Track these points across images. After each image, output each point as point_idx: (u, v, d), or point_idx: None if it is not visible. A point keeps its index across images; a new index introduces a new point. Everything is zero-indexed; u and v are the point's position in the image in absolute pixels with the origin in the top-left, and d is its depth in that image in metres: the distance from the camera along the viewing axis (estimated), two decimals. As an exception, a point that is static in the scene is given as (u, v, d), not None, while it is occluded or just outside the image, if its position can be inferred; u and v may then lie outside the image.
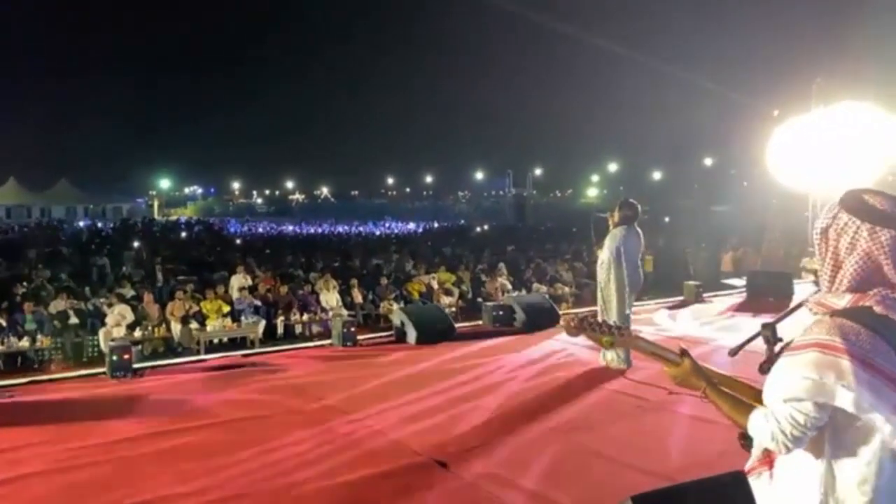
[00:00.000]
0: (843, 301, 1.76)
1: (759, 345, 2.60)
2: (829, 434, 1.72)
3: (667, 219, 30.87)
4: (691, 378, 2.01)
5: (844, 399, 1.62)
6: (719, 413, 1.96)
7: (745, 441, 2.16)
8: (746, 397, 1.95)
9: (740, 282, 14.77)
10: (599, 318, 7.55)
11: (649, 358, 2.12)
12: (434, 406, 6.76)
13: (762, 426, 1.77)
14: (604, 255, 7.96)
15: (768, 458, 1.90)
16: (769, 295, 12.65)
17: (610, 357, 7.87)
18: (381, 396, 7.12)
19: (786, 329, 2.50)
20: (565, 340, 9.74)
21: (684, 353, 2.05)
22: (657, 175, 67.19)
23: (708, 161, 59.97)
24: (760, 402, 1.87)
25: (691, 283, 13.85)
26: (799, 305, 2.33)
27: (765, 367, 1.89)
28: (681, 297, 13.36)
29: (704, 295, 13.48)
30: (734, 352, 2.73)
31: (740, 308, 12.44)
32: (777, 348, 1.96)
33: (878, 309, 1.71)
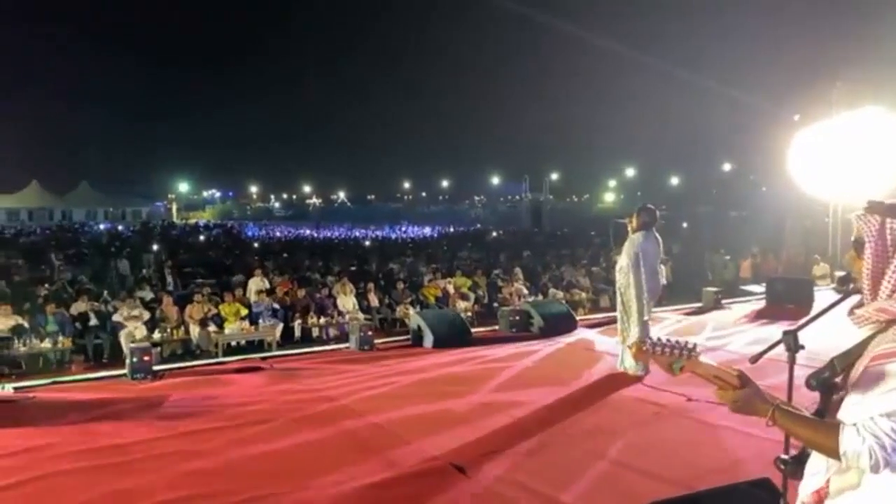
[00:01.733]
0: None
1: (780, 352, 2.59)
2: None
3: (685, 224, 30.68)
4: (755, 402, 1.87)
5: None
6: (791, 435, 1.85)
7: (786, 467, 2.04)
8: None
9: (759, 288, 14.64)
10: (618, 327, 7.39)
11: (708, 381, 1.96)
12: (451, 410, 6.77)
13: (856, 443, 1.66)
14: (622, 260, 7.93)
15: (819, 495, 1.82)
16: (789, 301, 12.54)
17: (628, 363, 7.84)
18: (398, 400, 7.14)
19: (808, 337, 2.48)
20: (582, 346, 9.71)
21: (743, 376, 1.92)
22: (675, 180, 66.79)
23: (727, 166, 59.56)
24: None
25: (710, 289, 13.75)
26: (822, 312, 2.30)
27: (812, 383, 1.83)
28: (699, 304, 13.28)
29: (723, 301, 13.37)
30: (755, 359, 2.71)
31: (759, 315, 12.33)
32: (799, 361, 1.90)
33: None
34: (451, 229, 42.98)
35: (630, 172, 72.63)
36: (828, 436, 1.72)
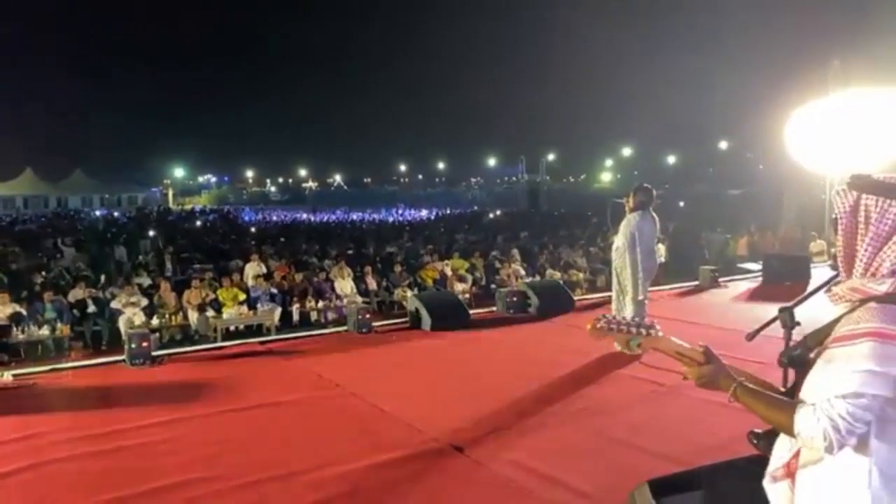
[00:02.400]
0: (885, 286, 1.67)
1: (777, 329, 2.60)
2: (875, 429, 1.63)
3: (682, 203, 30.68)
4: (719, 378, 1.89)
5: None
6: (752, 412, 1.84)
7: (758, 441, 2.06)
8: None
9: (756, 266, 14.67)
10: (613, 307, 7.44)
11: (672, 358, 1.99)
12: (450, 391, 6.80)
13: (811, 424, 1.65)
14: (618, 240, 7.94)
15: (788, 468, 1.82)
16: (785, 279, 12.56)
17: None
18: (397, 382, 7.17)
19: (803, 313, 2.49)
20: (580, 326, 9.75)
21: (708, 352, 1.94)
22: (672, 159, 66.70)
23: (723, 144, 59.47)
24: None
25: (706, 267, 13.77)
26: (817, 290, 2.30)
27: (783, 361, 1.82)
28: (696, 282, 13.30)
29: (720, 279, 13.40)
30: (751, 336, 2.72)
31: (756, 292, 12.36)
32: (795, 338, 1.89)
33: None
34: (448, 211, 42.95)
35: (627, 152, 72.51)
36: (785, 415, 1.72)
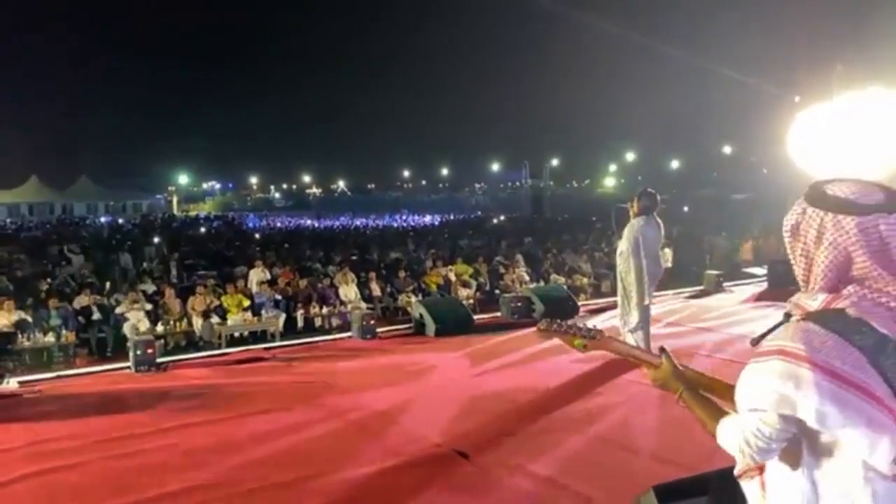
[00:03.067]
0: (816, 303, 1.63)
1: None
2: (806, 445, 1.60)
3: (686, 208, 30.63)
4: (670, 380, 1.93)
5: (806, 411, 1.49)
6: (695, 418, 1.85)
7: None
8: (731, 402, 1.79)
9: (761, 271, 14.64)
10: (618, 312, 7.45)
11: (626, 360, 2.07)
12: (454, 397, 6.79)
13: (729, 436, 1.66)
14: (622, 245, 7.93)
15: (759, 464, 1.77)
16: (791, 284, 12.37)
17: (629, 347, 7.85)
18: (401, 388, 7.17)
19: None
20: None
21: (663, 352, 1.96)
22: (675, 164, 66.59)
23: (727, 149, 59.38)
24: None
25: (712, 272, 13.75)
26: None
27: (755, 341, 1.81)
28: (701, 287, 13.28)
29: (725, 284, 13.38)
30: (756, 341, 2.70)
31: (761, 297, 12.33)
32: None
33: (852, 312, 1.57)
34: (452, 217, 42.98)
35: (630, 156, 72.41)
36: (713, 424, 1.73)
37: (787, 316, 2.39)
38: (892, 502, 1.53)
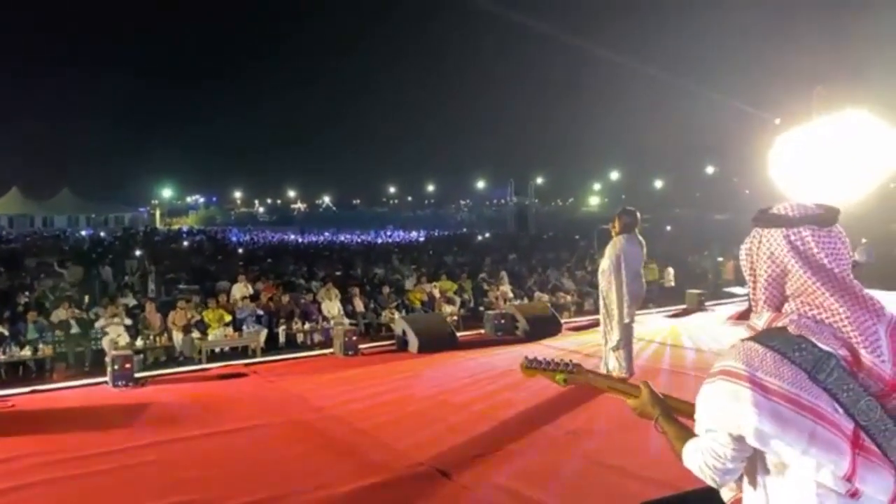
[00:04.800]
0: (762, 321, 1.66)
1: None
2: (760, 465, 1.61)
3: (668, 227, 30.86)
4: (647, 407, 1.97)
5: (746, 429, 1.51)
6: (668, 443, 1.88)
7: None
8: None
9: (742, 290, 14.74)
10: (601, 330, 7.48)
11: (648, 369, 2.15)
12: (436, 415, 6.75)
13: (692, 457, 1.68)
14: (604, 263, 7.96)
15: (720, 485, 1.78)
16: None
17: (612, 365, 7.86)
18: (382, 405, 7.11)
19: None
20: (568, 350, 9.74)
21: (645, 383, 2.01)
22: (659, 183, 67.21)
23: (710, 169, 60.01)
24: None
25: (694, 291, 13.83)
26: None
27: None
28: (683, 306, 13.35)
29: (707, 303, 13.46)
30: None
31: (742, 316, 12.41)
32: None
33: (792, 329, 1.59)
34: (437, 233, 42.99)
35: (615, 176, 73.03)
36: (681, 446, 1.75)
37: None
38: None
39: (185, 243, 34.37)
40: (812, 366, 1.53)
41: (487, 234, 37.78)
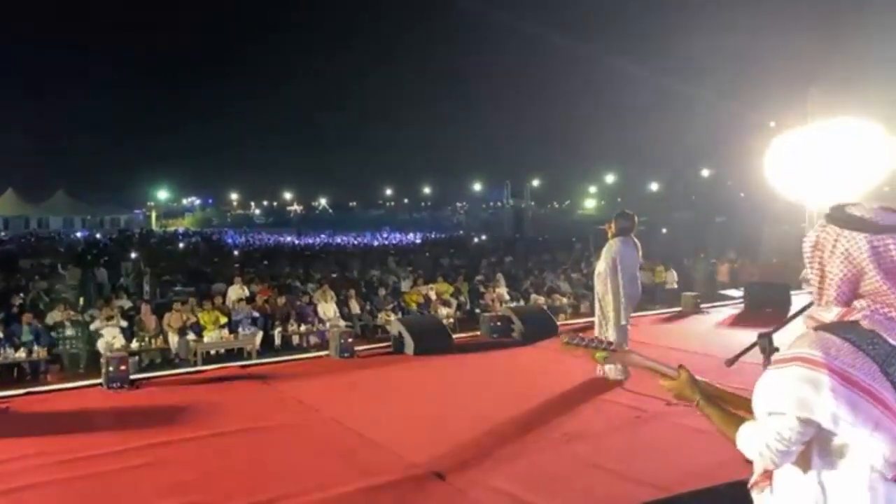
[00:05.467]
0: (831, 315, 1.74)
1: (757, 355, 2.61)
2: (817, 449, 1.70)
3: (664, 230, 30.91)
4: (686, 390, 2.04)
5: (822, 414, 1.61)
6: (713, 425, 1.97)
7: None
8: (746, 412, 1.93)
9: (738, 293, 14.78)
10: (596, 333, 7.50)
11: (646, 371, 2.18)
12: (432, 417, 6.74)
13: (749, 440, 1.77)
14: (600, 266, 7.97)
15: (768, 473, 1.89)
16: (767, 306, 12.65)
17: (608, 367, 7.86)
18: (378, 408, 7.10)
19: (782, 339, 2.50)
20: (562, 352, 9.74)
21: (681, 366, 2.09)
22: (654, 186, 67.34)
23: (705, 172, 60.19)
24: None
25: (689, 293, 13.85)
26: (794, 316, 2.35)
27: (731, 361, 1.94)
28: (679, 308, 13.36)
29: (702, 306, 13.47)
30: (731, 362, 2.74)
31: (738, 319, 12.43)
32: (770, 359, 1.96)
33: (865, 324, 1.69)
34: (434, 235, 43.00)
35: (610, 179, 73.16)
36: (732, 430, 1.84)
37: (761, 336, 2.46)
38: (890, 502, 1.64)
39: (181, 245, 34.34)
40: (883, 359, 1.64)
41: (484, 237, 37.82)
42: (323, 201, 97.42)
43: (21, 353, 9.60)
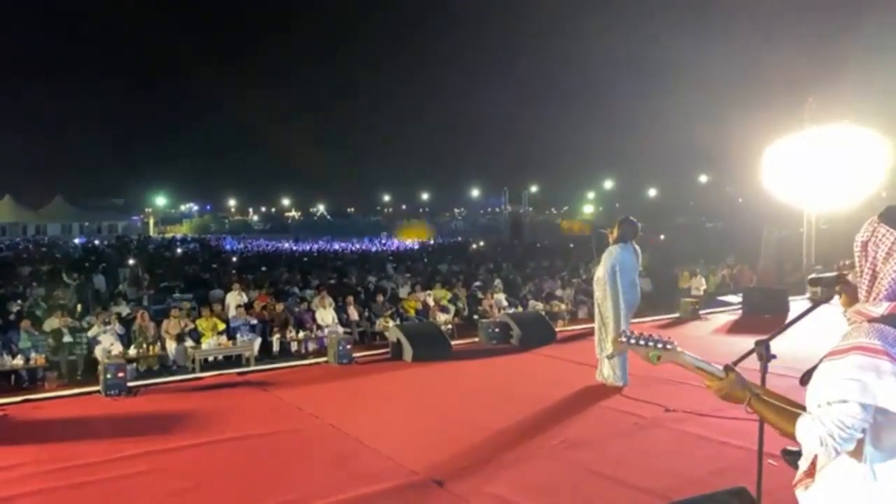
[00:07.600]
0: (881, 309, 1.82)
1: (754, 361, 2.61)
2: (870, 436, 1.77)
3: (662, 236, 30.93)
4: (736, 390, 2.06)
5: (886, 398, 1.68)
6: (766, 422, 2.01)
7: (789, 457, 2.23)
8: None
9: (736, 298, 14.79)
10: (596, 338, 7.45)
11: (693, 373, 2.17)
12: (430, 424, 6.73)
13: (810, 431, 1.81)
14: (599, 272, 7.97)
15: (812, 470, 1.95)
16: (765, 312, 12.67)
17: (607, 374, 7.86)
18: (377, 414, 7.09)
19: (780, 346, 2.50)
20: (561, 357, 9.74)
21: (729, 367, 2.13)
22: (652, 192, 67.42)
23: (703, 178, 60.30)
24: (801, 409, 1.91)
25: (687, 299, 13.85)
26: (791, 323, 2.36)
27: (805, 379, 1.97)
28: (677, 315, 13.37)
29: (700, 312, 13.48)
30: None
31: (736, 325, 12.44)
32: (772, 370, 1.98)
33: None
34: (432, 242, 43.00)
35: (608, 184, 73.24)
36: (789, 422, 1.88)
37: (758, 344, 2.48)
38: None
39: (179, 251, 34.28)
40: None
41: (482, 243, 37.78)
42: (321, 208, 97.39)
43: (19, 360, 9.57)
